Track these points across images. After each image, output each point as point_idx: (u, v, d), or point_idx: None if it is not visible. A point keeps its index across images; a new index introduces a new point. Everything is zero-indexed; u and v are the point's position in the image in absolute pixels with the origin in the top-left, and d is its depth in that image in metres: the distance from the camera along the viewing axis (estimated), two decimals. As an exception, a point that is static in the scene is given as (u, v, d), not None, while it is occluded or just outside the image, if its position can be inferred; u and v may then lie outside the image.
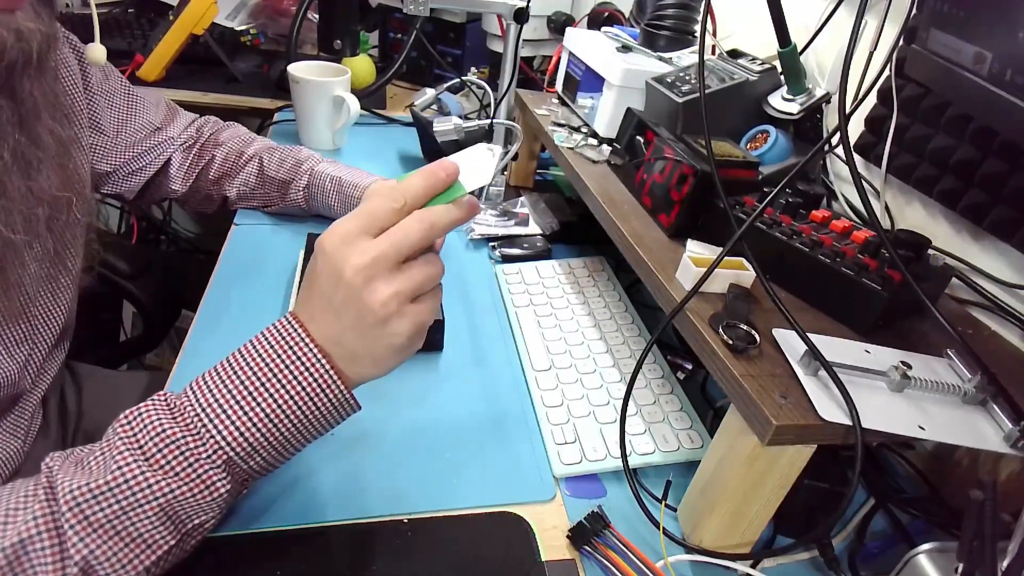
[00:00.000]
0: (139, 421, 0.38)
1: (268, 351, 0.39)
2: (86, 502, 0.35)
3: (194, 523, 0.38)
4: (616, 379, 0.62)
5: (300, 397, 0.38)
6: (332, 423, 0.41)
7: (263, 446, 0.39)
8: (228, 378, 0.39)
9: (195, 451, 0.37)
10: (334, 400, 0.40)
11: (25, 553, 0.33)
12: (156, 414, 0.38)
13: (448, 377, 0.61)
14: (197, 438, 0.37)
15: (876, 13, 0.60)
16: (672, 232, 0.58)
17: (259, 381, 0.38)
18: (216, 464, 0.38)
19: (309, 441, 0.41)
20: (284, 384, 0.38)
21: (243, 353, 0.40)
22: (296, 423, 0.39)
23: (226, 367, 0.39)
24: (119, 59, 1.12)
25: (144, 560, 0.36)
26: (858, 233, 0.51)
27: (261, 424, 0.38)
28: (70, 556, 0.34)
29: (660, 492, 0.50)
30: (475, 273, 0.78)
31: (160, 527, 0.36)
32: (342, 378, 0.39)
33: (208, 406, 0.38)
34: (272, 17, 1.33)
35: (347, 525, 0.46)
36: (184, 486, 0.37)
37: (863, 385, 0.42)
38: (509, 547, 0.46)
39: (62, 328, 0.57)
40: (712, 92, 0.68)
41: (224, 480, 0.38)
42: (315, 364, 0.39)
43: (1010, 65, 0.39)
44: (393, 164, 1.01)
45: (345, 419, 0.42)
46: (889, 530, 0.52)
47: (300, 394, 0.38)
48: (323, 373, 0.39)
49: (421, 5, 0.77)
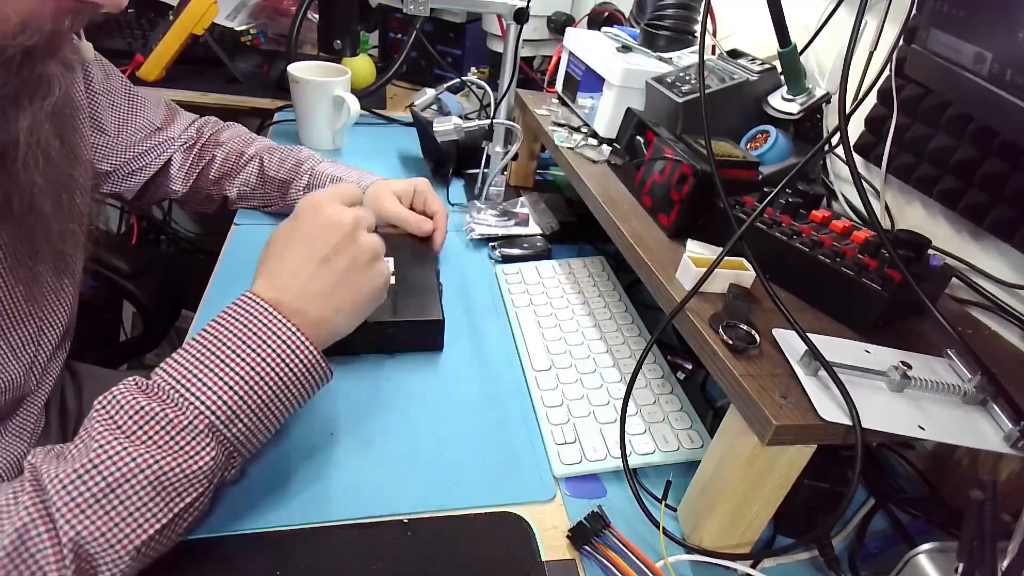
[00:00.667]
0: (114, 404, 0.39)
1: (235, 325, 0.43)
2: (72, 484, 0.35)
3: (185, 500, 0.38)
4: (616, 379, 0.62)
5: (273, 360, 0.42)
6: (308, 387, 0.45)
7: (243, 411, 0.41)
8: (199, 353, 0.42)
9: (176, 421, 0.39)
10: (306, 362, 0.44)
11: (24, 545, 0.34)
12: (131, 395, 0.39)
13: (448, 377, 0.61)
14: (176, 408, 0.39)
15: (876, 13, 0.60)
16: (672, 232, 0.58)
17: (230, 351, 0.42)
18: (199, 430, 0.39)
19: (289, 410, 0.45)
20: (256, 350, 0.42)
21: (209, 332, 0.43)
22: (273, 387, 0.42)
23: (194, 345, 0.42)
24: (119, 59, 1.12)
25: (134, 539, 0.36)
26: (858, 233, 0.51)
27: (239, 387, 0.41)
28: (59, 539, 0.34)
29: (660, 492, 0.50)
30: (475, 273, 0.78)
31: (150, 503, 0.37)
32: (312, 340, 0.44)
33: (183, 378, 0.40)
34: (272, 17, 1.33)
35: (347, 525, 0.46)
36: (169, 457, 0.37)
37: (863, 385, 0.42)
38: (509, 547, 0.46)
39: (65, 328, 0.57)
40: (712, 92, 0.68)
41: (209, 447, 0.39)
42: (283, 329, 0.43)
43: (1010, 65, 0.39)
44: (393, 164, 1.01)
45: (322, 385, 0.46)
46: (889, 530, 0.52)
47: (272, 357, 0.42)
48: (292, 336, 0.43)
49: (421, 5, 0.77)
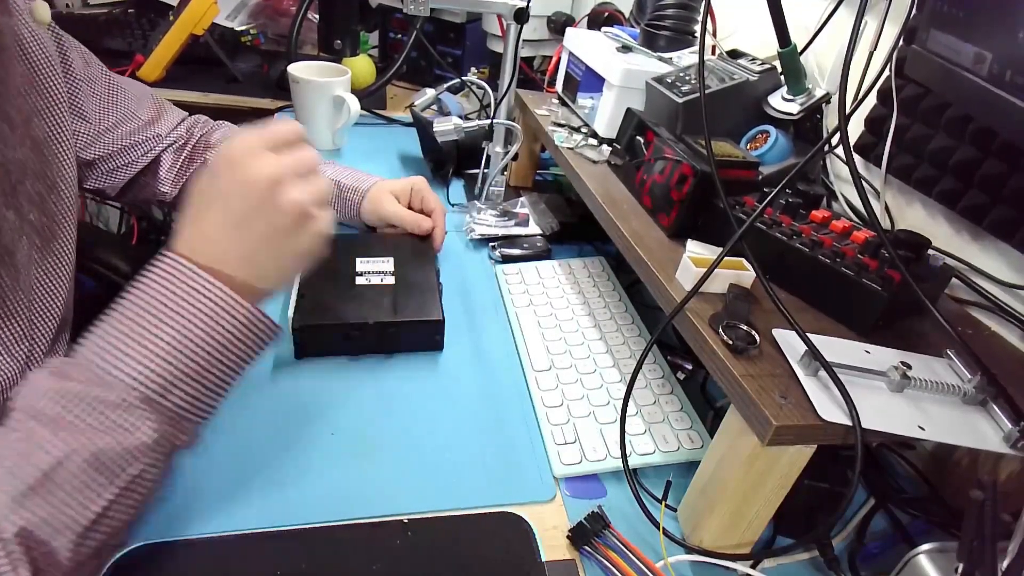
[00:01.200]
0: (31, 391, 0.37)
1: (157, 287, 0.39)
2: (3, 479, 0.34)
3: (129, 474, 0.37)
4: (616, 379, 0.62)
5: (202, 321, 0.39)
6: (251, 346, 0.41)
7: (179, 378, 0.38)
8: (120, 322, 0.38)
9: (105, 399, 0.36)
10: (241, 319, 0.40)
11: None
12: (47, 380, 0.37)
13: (448, 377, 0.61)
14: (102, 386, 0.37)
15: (876, 13, 0.60)
16: (672, 232, 0.58)
17: (154, 316, 0.38)
18: (132, 405, 0.37)
19: (236, 371, 0.41)
20: (181, 312, 0.38)
21: (130, 297, 0.39)
22: (209, 349, 0.39)
23: (114, 315, 0.39)
24: (119, 59, 1.13)
25: (80, 519, 0.35)
26: (858, 233, 0.51)
27: (169, 355, 0.38)
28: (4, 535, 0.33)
29: (660, 492, 0.50)
30: (475, 273, 0.78)
31: (90, 482, 0.35)
32: (243, 295, 0.40)
33: (107, 352, 0.37)
34: (272, 17, 1.33)
35: (347, 525, 0.46)
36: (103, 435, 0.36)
37: (863, 385, 0.42)
38: (509, 547, 0.46)
39: (59, 323, 0.57)
40: (712, 92, 0.68)
41: (146, 419, 0.37)
42: (209, 286, 0.39)
43: (1010, 65, 0.39)
44: (393, 164, 1.01)
45: (268, 342, 0.43)
46: (889, 530, 0.52)
47: (201, 317, 0.38)
48: (220, 293, 0.39)
49: (421, 5, 0.77)
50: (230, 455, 0.49)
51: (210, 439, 0.50)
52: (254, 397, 0.54)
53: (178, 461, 0.41)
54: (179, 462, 0.42)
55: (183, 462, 0.48)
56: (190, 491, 0.46)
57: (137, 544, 0.42)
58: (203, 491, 0.46)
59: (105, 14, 1.28)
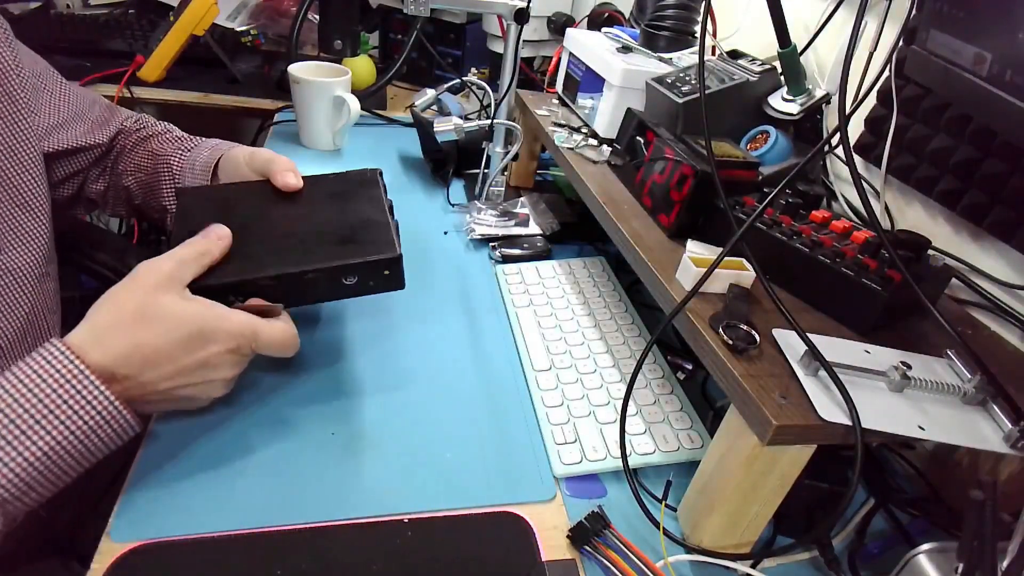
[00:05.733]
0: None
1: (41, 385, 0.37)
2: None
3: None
4: (616, 379, 0.62)
5: (83, 431, 0.38)
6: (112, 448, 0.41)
7: (40, 483, 0.37)
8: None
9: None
10: (119, 429, 0.40)
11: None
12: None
13: (448, 377, 0.61)
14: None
15: (876, 14, 0.60)
16: (672, 232, 0.58)
17: (33, 419, 0.36)
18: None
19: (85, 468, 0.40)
20: (64, 420, 0.37)
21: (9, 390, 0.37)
22: (77, 456, 0.38)
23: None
24: (120, 59, 1.13)
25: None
26: (858, 233, 0.51)
27: (39, 463, 0.36)
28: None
29: (660, 492, 0.50)
30: (475, 273, 0.78)
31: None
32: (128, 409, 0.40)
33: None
34: (273, 18, 1.33)
35: (347, 525, 0.46)
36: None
37: (863, 385, 0.42)
38: (509, 547, 0.46)
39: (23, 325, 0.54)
40: (712, 93, 0.68)
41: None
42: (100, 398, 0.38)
43: (1010, 66, 0.39)
44: (393, 164, 1.01)
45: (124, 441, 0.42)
46: (889, 530, 0.52)
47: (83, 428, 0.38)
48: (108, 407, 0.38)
49: (421, 6, 0.77)
50: (230, 455, 0.49)
51: (210, 438, 0.50)
52: (253, 397, 0.54)
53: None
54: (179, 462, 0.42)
55: (183, 462, 0.48)
56: (190, 491, 0.46)
57: (137, 544, 0.42)
58: (203, 491, 0.46)
59: (105, 14, 1.28)
